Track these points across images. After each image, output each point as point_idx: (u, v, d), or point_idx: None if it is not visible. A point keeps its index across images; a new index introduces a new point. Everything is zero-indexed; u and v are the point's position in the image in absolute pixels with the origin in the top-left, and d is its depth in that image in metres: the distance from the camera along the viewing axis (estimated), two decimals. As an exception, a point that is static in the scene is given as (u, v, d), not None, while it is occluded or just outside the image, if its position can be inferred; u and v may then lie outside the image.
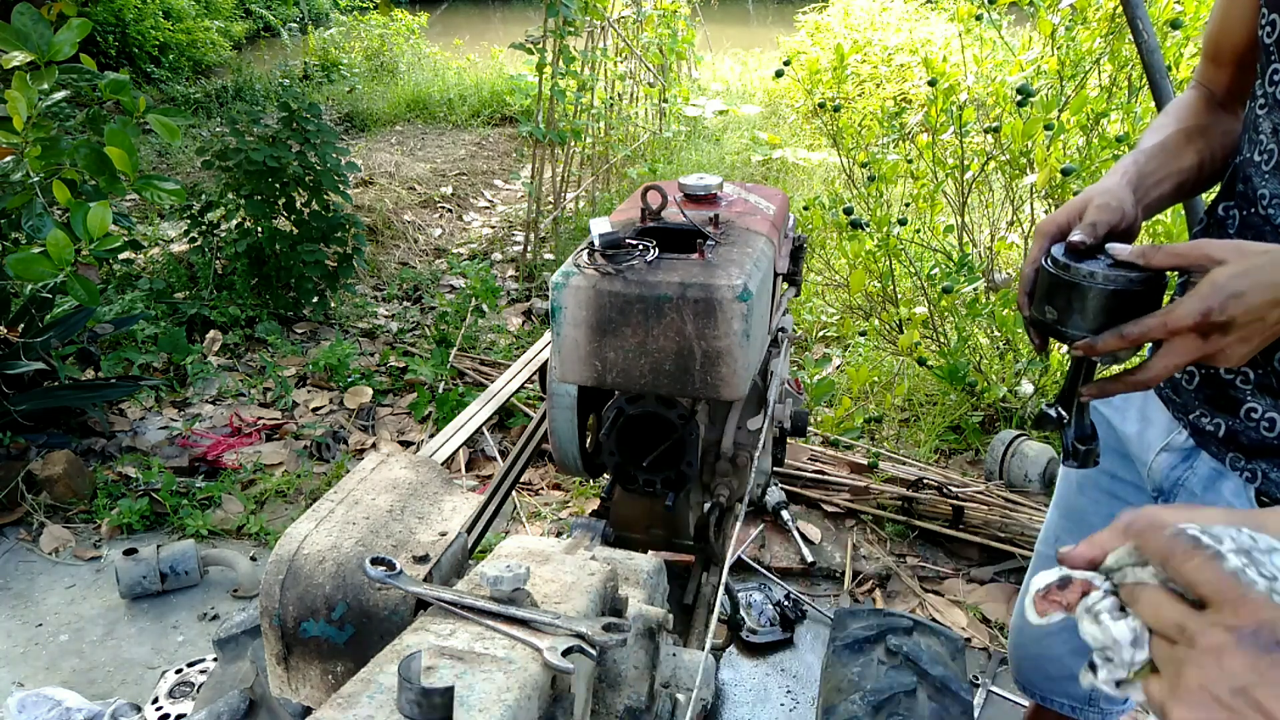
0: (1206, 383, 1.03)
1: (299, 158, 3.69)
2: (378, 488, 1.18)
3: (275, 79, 8.24)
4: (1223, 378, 1.00)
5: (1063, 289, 0.86)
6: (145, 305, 3.68)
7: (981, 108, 3.40)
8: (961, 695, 1.40)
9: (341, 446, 3.08)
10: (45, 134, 2.32)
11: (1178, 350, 0.82)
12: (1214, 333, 0.79)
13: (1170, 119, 1.10)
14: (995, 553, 2.52)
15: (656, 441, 1.39)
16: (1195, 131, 1.07)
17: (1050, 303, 0.88)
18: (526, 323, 4.09)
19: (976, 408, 3.15)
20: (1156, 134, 1.08)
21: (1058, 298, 0.87)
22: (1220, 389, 1.01)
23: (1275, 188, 0.92)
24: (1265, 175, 0.94)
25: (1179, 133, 1.06)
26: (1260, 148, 0.95)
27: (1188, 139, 1.06)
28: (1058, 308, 0.87)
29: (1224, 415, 1.01)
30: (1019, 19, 4.20)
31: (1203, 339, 0.80)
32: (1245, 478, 1.00)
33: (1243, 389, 0.98)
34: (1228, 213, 1.01)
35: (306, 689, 1.04)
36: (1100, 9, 3.00)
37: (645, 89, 6.37)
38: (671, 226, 1.37)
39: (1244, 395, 0.98)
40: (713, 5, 10.29)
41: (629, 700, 0.91)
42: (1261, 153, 0.95)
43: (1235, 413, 0.99)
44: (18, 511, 2.67)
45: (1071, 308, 0.85)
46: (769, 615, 2.30)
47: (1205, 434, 1.04)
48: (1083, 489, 1.30)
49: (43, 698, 1.89)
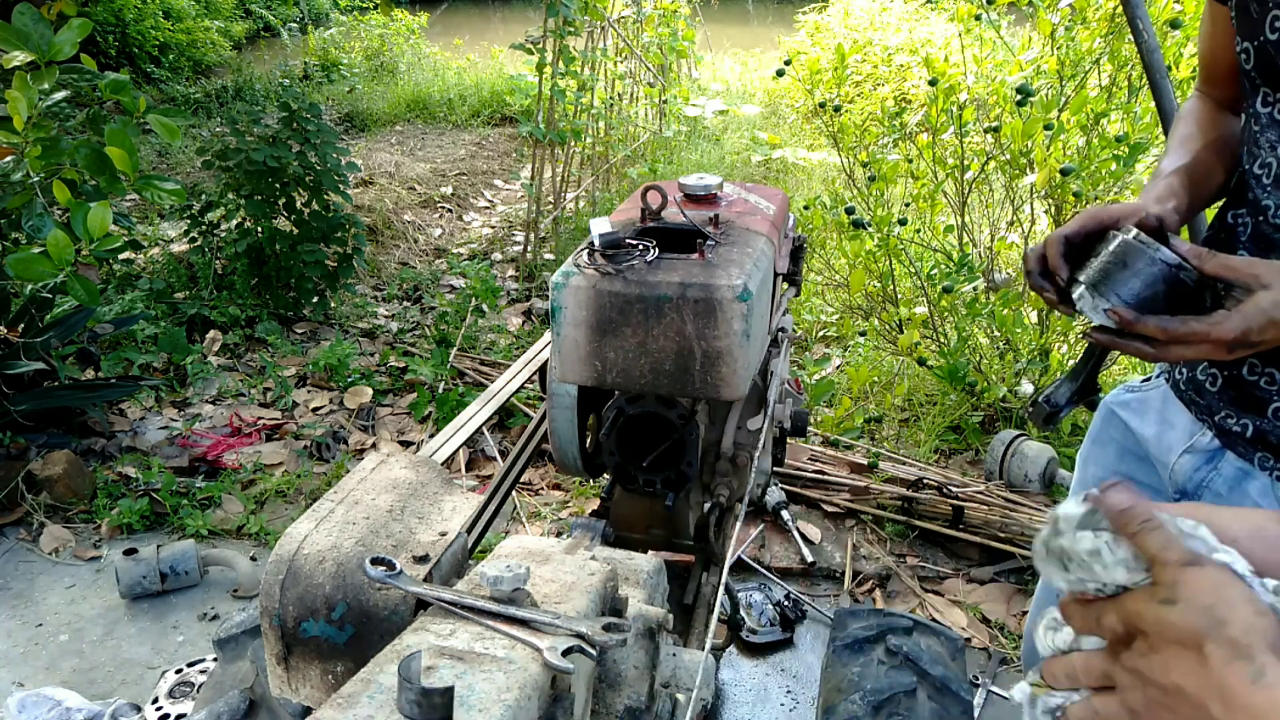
0: (1230, 384, 1.05)
1: (299, 158, 3.69)
2: (378, 488, 1.18)
3: (275, 79, 8.24)
4: (1246, 379, 1.02)
5: (1129, 256, 0.88)
6: (145, 305, 3.68)
7: (981, 108, 3.40)
8: (961, 695, 1.40)
9: (341, 446, 3.08)
10: (45, 134, 2.32)
11: (1204, 352, 0.86)
12: (1240, 348, 0.83)
13: (1193, 130, 1.12)
14: (995, 553, 2.52)
15: (656, 441, 1.39)
16: (1220, 144, 1.09)
17: (1107, 267, 0.89)
18: (526, 323, 4.09)
19: (976, 408, 3.15)
20: (1184, 151, 1.09)
21: (1116, 263, 0.88)
22: (1245, 390, 1.02)
23: (1278, 199, 0.95)
24: (1267, 188, 0.96)
25: (1206, 149, 1.08)
26: (1259, 161, 0.98)
27: (1217, 155, 1.08)
28: (1108, 272, 0.88)
29: (1251, 415, 1.02)
30: (1019, 19, 4.19)
31: (1228, 351, 0.84)
32: (1276, 476, 1.01)
33: (1268, 389, 1.00)
34: (1238, 220, 1.02)
35: (306, 689, 1.04)
36: (1100, 9, 3.00)
37: (645, 89, 6.37)
38: (671, 226, 1.37)
39: (1271, 395, 1.00)
40: (713, 5, 10.30)
41: (629, 700, 0.91)
42: (1261, 166, 0.97)
43: (1263, 413, 1.01)
44: (18, 511, 2.67)
45: (1124, 277, 0.87)
46: (769, 615, 2.30)
47: (1232, 435, 1.05)
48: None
49: (43, 698, 1.89)
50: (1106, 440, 1.28)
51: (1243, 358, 1.01)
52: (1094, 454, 1.31)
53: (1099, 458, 1.30)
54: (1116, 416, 1.25)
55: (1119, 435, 1.25)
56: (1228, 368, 1.04)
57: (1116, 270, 0.88)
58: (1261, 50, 0.96)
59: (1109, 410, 1.27)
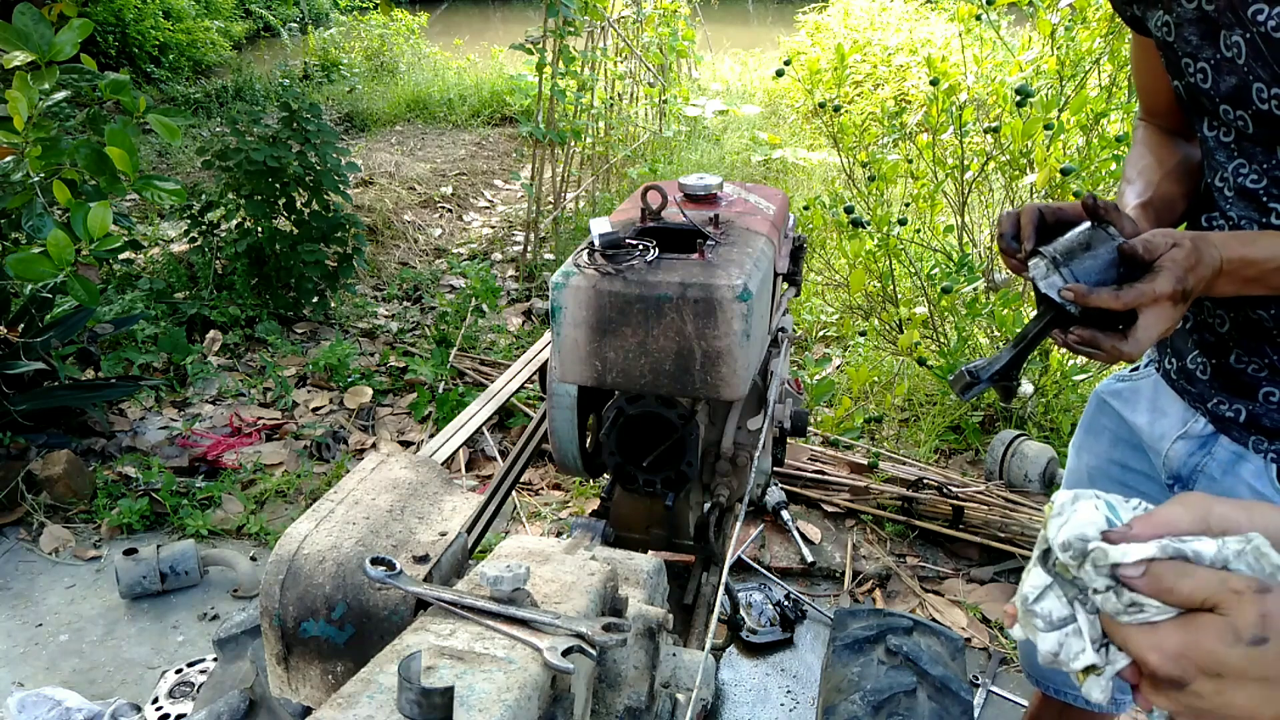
0: (1220, 372, 1.08)
1: (299, 158, 3.69)
2: (378, 488, 1.18)
3: (275, 79, 8.24)
4: (1234, 366, 1.06)
5: (1094, 240, 0.93)
6: (145, 305, 3.68)
7: (981, 108, 3.40)
8: (961, 695, 1.40)
9: (341, 446, 3.08)
10: (45, 134, 2.32)
11: (1158, 321, 0.88)
12: (1182, 301, 0.88)
13: (1150, 161, 1.15)
14: (995, 553, 2.52)
15: (656, 441, 1.39)
16: (1179, 171, 1.13)
17: (1071, 246, 0.94)
18: (526, 323, 4.09)
19: (976, 408, 3.15)
20: (1144, 184, 1.12)
21: (1080, 244, 0.93)
22: (1235, 377, 1.06)
23: (1241, 209, 1.00)
24: (1229, 199, 1.01)
25: (1167, 179, 1.12)
26: (1219, 175, 1.03)
27: (1177, 183, 1.12)
28: (1072, 252, 0.93)
29: (1243, 400, 1.06)
30: (1019, 19, 4.20)
31: (1173, 304, 0.88)
32: (1270, 459, 1.04)
33: (1257, 375, 1.04)
34: (1211, 224, 1.06)
35: (306, 689, 1.04)
36: (1100, 9, 3.00)
37: (645, 89, 6.37)
38: (671, 226, 1.37)
39: (1260, 380, 1.03)
40: (713, 5, 10.29)
41: (629, 700, 0.91)
42: (1221, 180, 1.02)
43: (1255, 397, 1.04)
44: (18, 511, 2.67)
45: (1083, 257, 0.93)
46: (769, 615, 2.30)
47: (1225, 420, 1.08)
48: (1093, 480, 1.32)
49: (43, 698, 1.89)
50: (1099, 429, 1.31)
51: (1228, 348, 1.05)
52: (1087, 443, 1.34)
53: (1092, 446, 1.32)
54: (1109, 405, 1.28)
55: (1112, 424, 1.28)
56: (1216, 356, 1.08)
57: (1079, 251, 0.93)
58: (1189, 88, 1.01)
59: (1100, 399, 1.30)
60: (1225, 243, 0.91)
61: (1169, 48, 1.01)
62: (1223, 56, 0.94)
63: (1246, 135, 0.97)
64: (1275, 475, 1.04)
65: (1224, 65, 0.94)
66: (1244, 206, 1.00)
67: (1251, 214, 0.99)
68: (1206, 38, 0.95)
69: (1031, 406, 3.06)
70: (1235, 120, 0.96)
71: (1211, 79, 0.96)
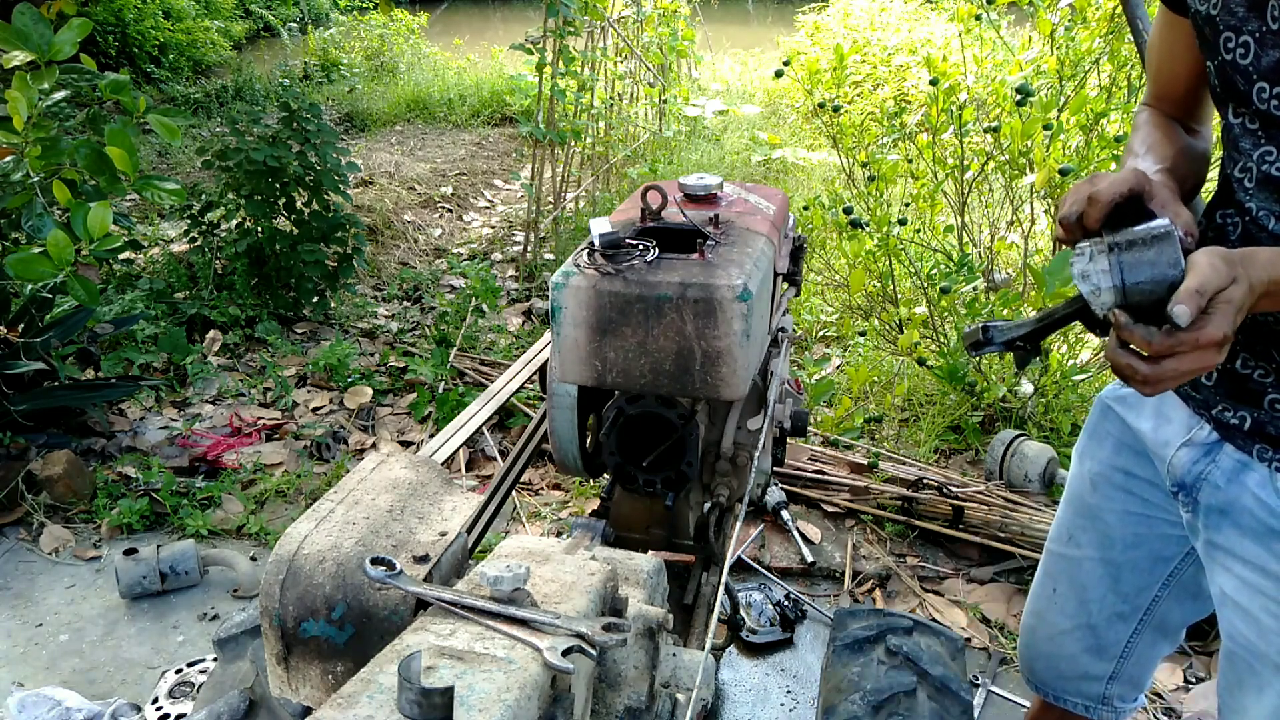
0: (1225, 378, 1.07)
1: (299, 158, 3.69)
2: (378, 488, 1.18)
3: (275, 79, 8.23)
4: (1240, 373, 1.05)
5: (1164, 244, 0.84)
6: (145, 305, 3.68)
7: (981, 107, 3.40)
8: (961, 695, 1.40)
9: (341, 446, 3.08)
10: (45, 134, 2.32)
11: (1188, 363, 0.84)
12: (1225, 345, 0.83)
13: (1159, 137, 1.13)
14: (995, 553, 2.52)
15: (656, 441, 1.39)
16: (1185, 154, 1.11)
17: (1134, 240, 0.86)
18: (526, 323, 4.09)
19: (976, 408, 3.15)
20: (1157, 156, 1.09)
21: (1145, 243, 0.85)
22: (1240, 384, 1.05)
23: (1260, 200, 0.98)
24: (1249, 190, 1.00)
25: (1179, 155, 1.09)
26: (1239, 165, 1.01)
27: (1187, 162, 1.10)
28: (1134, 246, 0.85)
29: (1248, 408, 1.04)
30: (1019, 19, 4.20)
31: (1218, 351, 0.83)
32: (1274, 467, 1.02)
33: (1263, 382, 1.03)
34: (1227, 220, 1.05)
35: (306, 689, 1.04)
36: (1100, 9, 3.00)
37: (645, 89, 6.37)
38: (671, 226, 1.37)
39: (1266, 387, 1.02)
40: (713, 5, 10.29)
41: (629, 700, 0.91)
42: (1242, 170, 1.01)
43: (1260, 405, 1.03)
44: (18, 511, 2.67)
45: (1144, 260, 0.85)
46: (769, 615, 2.31)
47: (1230, 427, 1.07)
48: (1096, 486, 1.31)
49: (43, 698, 1.89)
50: (1103, 435, 1.30)
51: (1235, 352, 1.04)
52: (1091, 448, 1.33)
53: (1095, 452, 1.31)
54: (1113, 411, 1.27)
55: (1115, 430, 1.27)
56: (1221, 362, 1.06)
57: (1142, 249, 0.85)
58: (1221, 69, 0.99)
59: (1105, 405, 1.29)
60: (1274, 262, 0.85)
61: (1211, 21, 0.99)
62: (1269, 29, 0.93)
63: (1277, 120, 0.95)
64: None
65: (1269, 39, 0.93)
66: (1265, 197, 0.98)
67: (1272, 205, 0.97)
68: (1254, 9, 0.94)
69: (1031, 406, 3.06)
70: (1271, 99, 0.95)
71: (1253, 54, 0.95)
